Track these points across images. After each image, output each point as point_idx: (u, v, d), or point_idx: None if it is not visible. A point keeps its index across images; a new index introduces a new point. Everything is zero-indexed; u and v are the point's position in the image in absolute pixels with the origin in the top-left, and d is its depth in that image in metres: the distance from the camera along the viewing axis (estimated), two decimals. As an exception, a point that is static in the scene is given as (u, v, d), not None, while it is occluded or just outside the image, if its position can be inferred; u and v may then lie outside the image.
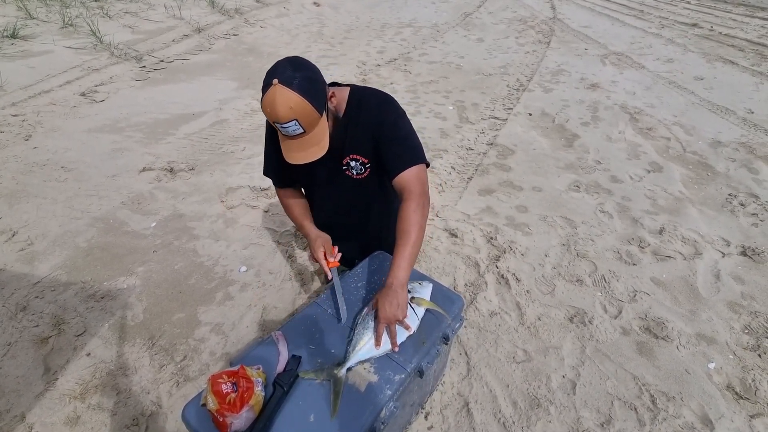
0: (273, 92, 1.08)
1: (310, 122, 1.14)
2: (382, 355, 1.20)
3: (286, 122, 1.10)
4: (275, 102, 1.08)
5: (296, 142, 1.17)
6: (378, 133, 1.31)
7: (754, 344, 2.01)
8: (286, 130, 1.14)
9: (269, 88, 1.09)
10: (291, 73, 1.10)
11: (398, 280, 1.21)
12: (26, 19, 6.06)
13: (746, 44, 6.71)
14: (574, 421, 1.68)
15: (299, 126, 1.12)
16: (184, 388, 1.77)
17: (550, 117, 4.32)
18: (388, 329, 1.19)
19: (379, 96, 1.35)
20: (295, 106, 1.09)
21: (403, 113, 1.36)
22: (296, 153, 1.19)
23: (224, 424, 0.97)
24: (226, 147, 3.60)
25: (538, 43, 6.85)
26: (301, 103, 1.09)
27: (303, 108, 1.10)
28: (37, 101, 4.16)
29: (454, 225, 2.75)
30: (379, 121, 1.31)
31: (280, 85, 1.08)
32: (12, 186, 2.97)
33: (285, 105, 1.08)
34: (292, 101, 1.08)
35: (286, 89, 1.08)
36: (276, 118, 1.10)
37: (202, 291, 2.24)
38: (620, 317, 2.13)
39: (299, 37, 6.69)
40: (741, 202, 3.03)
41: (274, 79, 1.08)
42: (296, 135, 1.15)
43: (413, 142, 1.35)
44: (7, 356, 1.86)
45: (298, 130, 1.14)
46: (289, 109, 1.09)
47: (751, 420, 1.69)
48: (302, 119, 1.11)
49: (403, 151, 1.32)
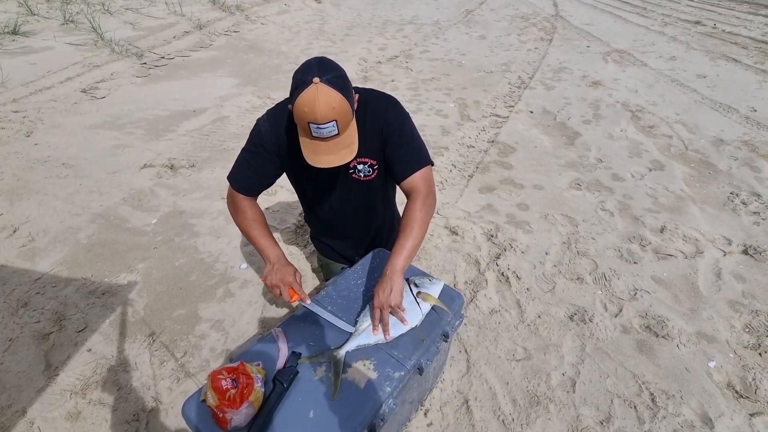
0: (314, 91, 1.02)
1: (345, 123, 1.09)
2: (381, 342, 1.21)
3: (325, 123, 1.04)
4: (317, 101, 1.02)
5: (326, 144, 1.10)
6: (385, 136, 1.31)
7: (754, 343, 2.01)
8: (321, 132, 1.06)
9: (308, 87, 1.02)
10: (329, 73, 1.05)
11: (393, 268, 1.22)
12: (27, 15, 6.06)
13: (749, 42, 6.68)
14: (574, 419, 1.68)
15: (336, 127, 1.07)
16: (185, 384, 1.77)
17: (551, 115, 4.31)
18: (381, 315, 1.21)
19: (384, 99, 1.35)
20: (338, 106, 1.04)
21: (407, 114, 1.36)
22: (325, 156, 1.12)
23: (224, 419, 0.97)
24: (227, 144, 3.59)
25: (540, 40, 6.83)
26: (342, 104, 1.05)
27: (343, 108, 1.06)
28: (38, 98, 4.16)
29: (454, 222, 2.75)
30: (386, 124, 1.30)
31: (322, 84, 1.02)
32: (13, 182, 2.97)
33: (328, 105, 1.03)
34: (335, 101, 1.03)
35: (328, 88, 1.02)
36: (314, 118, 1.04)
37: (203, 288, 2.24)
38: (620, 315, 2.13)
39: (300, 34, 6.67)
40: (743, 201, 3.02)
41: (313, 77, 1.02)
42: (329, 137, 1.09)
43: (419, 145, 1.36)
44: (9, 352, 1.86)
45: (333, 132, 1.07)
46: (332, 109, 1.03)
47: (751, 419, 1.69)
48: (341, 120, 1.07)
49: (411, 155, 1.33)
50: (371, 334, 1.21)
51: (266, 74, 5.12)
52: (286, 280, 1.29)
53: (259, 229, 1.37)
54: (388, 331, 1.21)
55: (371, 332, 1.21)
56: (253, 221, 1.38)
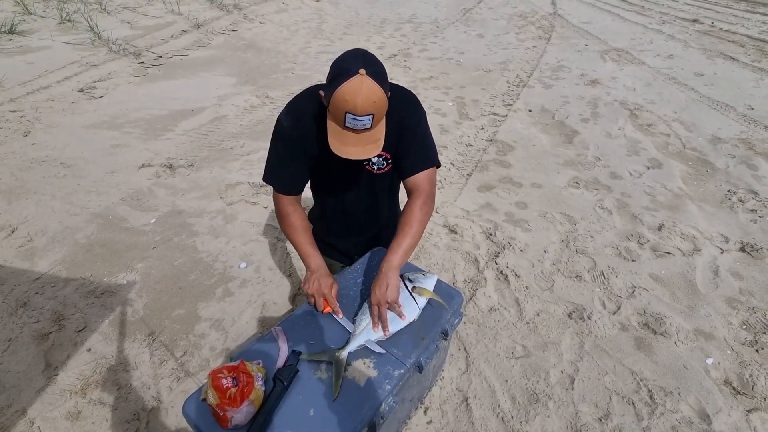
0: (359, 82, 1.02)
1: (380, 118, 1.11)
2: (381, 339, 1.22)
3: (363, 115, 1.05)
4: (361, 92, 1.02)
5: (356, 136, 1.11)
6: (402, 131, 1.32)
7: (751, 340, 2.02)
8: (356, 123, 1.07)
9: (353, 77, 1.03)
10: (373, 66, 1.06)
11: (389, 264, 1.24)
12: (24, 14, 6.03)
13: (747, 40, 6.69)
14: (573, 416, 1.69)
15: (371, 121, 1.08)
16: (185, 383, 1.77)
17: (550, 113, 4.31)
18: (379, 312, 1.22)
19: (406, 94, 1.36)
20: (378, 100, 1.06)
21: (424, 114, 1.37)
22: (352, 147, 1.12)
23: (224, 418, 0.97)
24: (226, 143, 3.59)
25: (538, 38, 6.83)
26: (383, 99, 1.07)
27: (383, 103, 1.08)
28: (36, 97, 4.14)
29: (453, 221, 2.75)
30: (404, 119, 1.31)
31: (367, 77, 1.03)
32: (11, 182, 2.96)
33: (370, 98, 1.04)
34: (377, 95, 1.05)
35: (373, 82, 1.04)
36: (354, 109, 1.04)
37: (202, 287, 2.25)
38: (619, 313, 2.14)
39: (299, 33, 6.66)
40: (740, 199, 3.03)
41: (359, 68, 1.03)
42: (362, 129, 1.10)
43: (432, 144, 1.37)
44: (8, 352, 1.86)
45: (367, 125, 1.08)
46: (373, 103, 1.05)
47: (748, 414, 1.70)
48: (377, 114, 1.08)
49: (421, 153, 1.34)
50: (371, 332, 1.22)
51: (264, 73, 5.11)
52: (322, 291, 1.31)
53: (302, 236, 1.39)
54: (387, 327, 1.22)
55: (371, 330, 1.22)
56: (295, 228, 1.39)
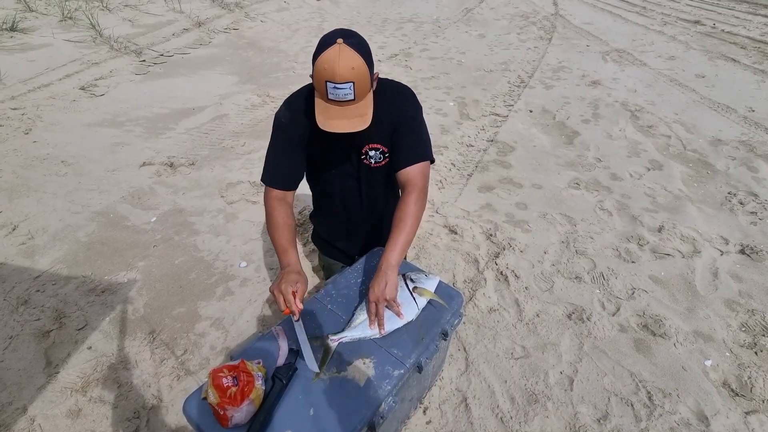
0: (337, 50, 1.06)
1: (362, 91, 1.12)
2: (376, 337, 1.23)
3: (342, 83, 1.07)
4: (338, 59, 1.05)
5: (341, 109, 1.13)
6: (397, 125, 1.33)
7: (750, 342, 2.03)
8: (337, 93, 1.09)
9: (331, 47, 1.06)
10: (356, 38, 1.10)
11: (388, 262, 1.24)
12: (25, 11, 6.03)
13: (748, 42, 6.69)
14: (571, 417, 1.69)
15: (352, 91, 1.09)
16: (185, 381, 1.78)
17: (550, 114, 4.31)
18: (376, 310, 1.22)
19: (401, 88, 1.38)
20: (357, 68, 1.07)
21: (421, 109, 1.39)
22: (338, 120, 1.13)
23: (225, 417, 0.98)
24: (226, 142, 3.59)
25: (539, 39, 6.83)
26: (363, 67, 1.09)
27: (363, 72, 1.09)
28: (37, 95, 4.14)
29: (453, 222, 2.76)
30: (400, 112, 1.34)
31: (345, 45, 1.06)
32: (12, 180, 2.97)
33: (348, 64, 1.06)
34: (356, 62, 1.07)
35: (351, 50, 1.06)
36: (332, 76, 1.06)
37: (203, 286, 2.25)
38: (618, 314, 2.14)
39: (300, 32, 6.66)
40: (740, 201, 3.04)
41: (338, 38, 1.07)
42: (344, 101, 1.11)
43: (426, 138, 1.39)
44: (9, 349, 1.87)
45: (349, 95, 1.10)
46: (351, 69, 1.06)
47: (746, 417, 1.71)
48: (358, 84, 1.09)
49: (415, 146, 1.35)
50: (367, 328, 1.23)
51: (265, 72, 5.11)
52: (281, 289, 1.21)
53: (281, 233, 1.35)
54: (383, 326, 1.22)
55: (367, 326, 1.23)
56: (276, 225, 1.36)
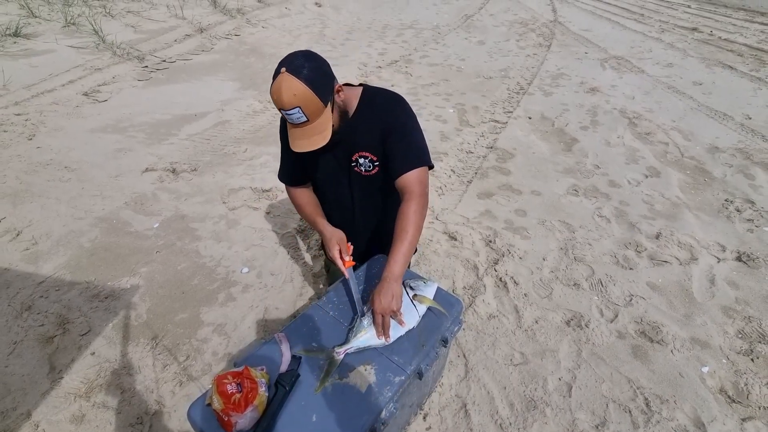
0: (280, 80, 1.15)
1: (313, 111, 1.20)
2: (380, 346, 1.25)
3: (289, 109, 1.17)
4: (281, 89, 1.15)
5: (300, 130, 1.24)
6: (387, 132, 1.36)
7: (747, 349, 2.05)
8: (291, 118, 1.20)
9: (278, 77, 1.16)
10: (300, 63, 1.18)
11: (393, 274, 1.27)
12: (29, 17, 6.08)
13: (745, 49, 6.75)
14: (570, 423, 1.71)
15: (302, 114, 1.19)
16: (187, 387, 1.80)
17: (549, 121, 4.35)
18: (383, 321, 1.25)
19: (390, 96, 1.41)
20: (299, 94, 1.16)
21: (412, 114, 1.41)
22: (300, 141, 1.26)
23: (229, 423, 1.00)
24: (228, 148, 3.62)
25: (538, 46, 6.89)
26: (304, 92, 1.16)
27: (306, 96, 1.17)
28: (40, 100, 4.18)
29: (453, 228, 2.78)
30: (389, 120, 1.36)
31: (287, 74, 1.15)
32: (16, 185, 2.99)
33: (289, 92, 1.15)
34: (297, 89, 1.15)
35: (292, 78, 1.15)
36: (281, 105, 1.17)
37: (205, 292, 2.27)
38: (616, 321, 2.16)
39: (301, 38, 6.71)
40: (737, 208, 3.07)
41: (282, 68, 1.16)
42: (300, 123, 1.22)
43: (420, 144, 1.40)
44: (13, 355, 1.89)
45: (301, 118, 1.20)
46: (293, 96, 1.15)
47: (743, 423, 1.73)
48: (305, 107, 1.18)
49: (409, 153, 1.37)
50: (372, 338, 1.25)
51: (267, 78, 5.15)
52: (332, 255, 1.42)
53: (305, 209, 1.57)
54: (389, 335, 1.25)
55: (372, 336, 1.25)
56: (302, 205, 1.58)
